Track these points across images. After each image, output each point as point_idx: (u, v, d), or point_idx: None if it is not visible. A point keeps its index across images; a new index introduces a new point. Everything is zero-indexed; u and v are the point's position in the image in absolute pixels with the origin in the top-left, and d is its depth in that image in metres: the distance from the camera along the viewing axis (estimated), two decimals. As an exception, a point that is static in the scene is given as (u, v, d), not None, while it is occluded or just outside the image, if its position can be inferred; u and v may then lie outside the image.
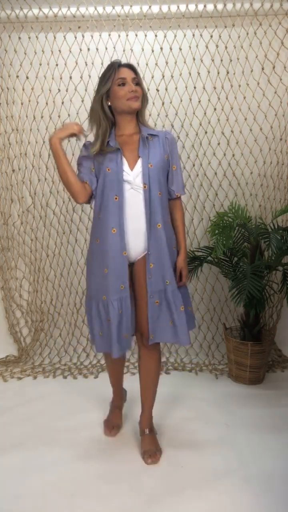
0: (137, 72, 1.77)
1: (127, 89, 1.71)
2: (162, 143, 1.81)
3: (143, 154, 1.75)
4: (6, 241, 2.97)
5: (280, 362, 2.84)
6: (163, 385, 2.54)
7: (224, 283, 2.94)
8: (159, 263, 1.77)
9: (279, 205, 2.87)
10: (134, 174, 1.74)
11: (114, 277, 1.75)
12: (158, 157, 1.77)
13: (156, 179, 1.76)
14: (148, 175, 1.74)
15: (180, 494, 1.67)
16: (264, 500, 1.63)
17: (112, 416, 2.15)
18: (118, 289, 1.76)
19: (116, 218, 1.73)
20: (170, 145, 1.83)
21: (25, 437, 2.07)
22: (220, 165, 2.84)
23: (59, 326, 3.04)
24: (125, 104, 1.73)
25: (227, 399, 2.40)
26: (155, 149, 1.79)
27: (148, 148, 1.77)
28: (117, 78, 1.72)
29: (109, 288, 1.76)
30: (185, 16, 2.64)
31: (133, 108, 1.74)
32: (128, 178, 1.74)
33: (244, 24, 2.68)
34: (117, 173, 1.73)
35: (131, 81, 1.72)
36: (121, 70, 1.73)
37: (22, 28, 2.70)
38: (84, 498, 1.66)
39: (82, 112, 2.77)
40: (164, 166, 1.81)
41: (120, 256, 1.75)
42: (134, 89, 1.71)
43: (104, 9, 2.63)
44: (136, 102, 1.73)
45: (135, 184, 1.74)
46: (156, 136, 1.82)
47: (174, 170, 1.85)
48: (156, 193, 1.76)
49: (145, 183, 1.74)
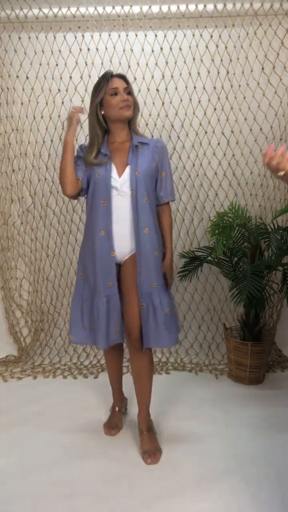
0: (128, 82, 1.88)
1: (119, 98, 1.81)
2: (152, 151, 1.89)
3: (131, 162, 1.85)
4: (6, 241, 2.97)
5: (280, 362, 2.84)
6: (163, 385, 2.56)
7: (224, 283, 2.94)
8: (146, 266, 1.85)
9: (279, 205, 2.87)
10: (122, 181, 1.83)
11: (103, 276, 1.86)
12: (145, 164, 1.86)
13: (143, 185, 1.84)
14: (136, 182, 1.83)
15: (180, 494, 1.67)
16: (264, 500, 1.63)
17: (112, 417, 2.16)
18: (107, 287, 1.86)
19: (104, 221, 1.83)
20: (160, 153, 1.91)
21: (25, 437, 2.07)
22: (220, 165, 2.84)
23: (59, 326, 3.04)
24: (118, 113, 1.83)
25: (227, 399, 2.40)
26: (143, 157, 1.87)
27: (137, 156, 1.86)
28: (110, 88, 1.82)
29: (98, 286, 1.87)
30: (185, 16, 2.64)
31: (125, 116, 1.84)
32: (116, 185, 1.83)
33: (244, 24, 2.68)
34: (105, 179, 1.83)
35: (123, 91, 1.82)
36: (113, 81, 1.83)
37: (22, 28, 2.70)
38: (84, 498, 1.66)
39: (82, 112, 2.77)
40: (152, 174, 1.89)
41: (108, 256, 1.85)
42: (126, 98, 1.82)
43: (104, 9, 2.63)
44: (128, 111, 1.84)
45: (122, 190, 1.83)
46: (146, 144, 1.90)
47: (163, 177, 1.93)
48: (143, 199, 1.84)
49: (132, 189, 1.83)
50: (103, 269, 1.86)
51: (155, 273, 1.87)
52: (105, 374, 2.36)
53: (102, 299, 1.86)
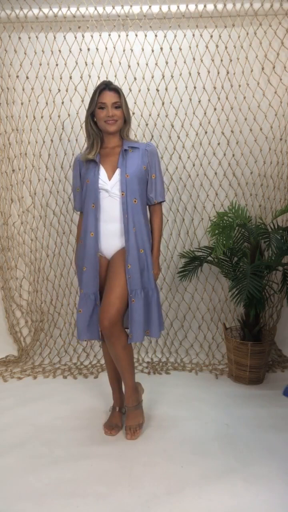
0: (121, 95, 1.96)
1: (105, 113, 1.93)
2: (142, 155, 2.01)
3: (121, 165, 1.97)
4: (6, 241, 2.97)
5: (280, 362, 2.84)
6: (163, 385, 2.56)
7: (224, 283, 2.94)
8: (135, 264, 1.96)
9: (279, 205, 2.87)
10: (112, 184, 1.96)
11: (91, 275, 1.99)
12: (135, 167, 1.98)
13: (132, 187, 1.96)
14: (126, 184, 1.95)
15: (180, 494, 1.67)
16: (264, 500, 1.63)
17: (112, 417, 2.16)
18: (95, 284, 2.00)
19: (93, 223, 1.97)
20: (150, 156, 2.03)
21: (25, 437, 2.07)
22: (220, 165, 2.84)
23: (59, 326, 3.04)
24: (103, 126, 1.97)
25: (227, 399, 2.40)
26: (133, 160, 1.99)
27: (126, 159, 1.98)
28: (98, 102, 1.94)
29: (87, 283, 2.00)
30: (185, 16, 2.64)
31: (109, 131, 1.97)
32: (106, 187, 1.96)
33: (244, 24, 2.68)
34: (93, 183, 1.97)
35: (110, 106, 1.92)
36: (103, 95, 1.93)
37: (22, 28, 2.70)
38: (84, 498, 1.66)
39: (82, 112, 2.77)
40: (141, 176, 2.00)
41: (94, 256, 1.98)
42: (111, 114, 1.93)
43: (104, 9, 2.63)
44: (113, 126, 1.96)
45: (112, 192, 1.96)
46: (136, 148, 2.02)
47: (154, 178, 2.05)
48: (132, 200, 1.96)
49: (122, 191, 1.95)
50: (91, 268, 1.99)
51: (142, 269, 1.99)
52: (105, 374, 2.36)
53: (90, 296, 2.00)
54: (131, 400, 2.09)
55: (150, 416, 2.21)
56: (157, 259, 2.11)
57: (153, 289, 2.03)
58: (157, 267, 2.09)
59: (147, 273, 2.01)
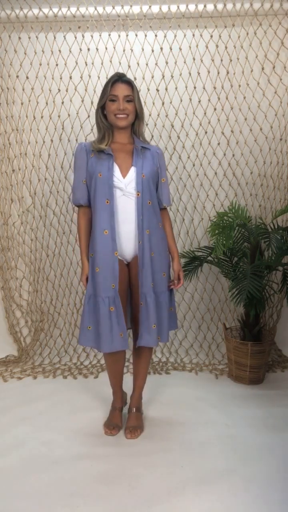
0: (134, 88, 1.87)
1: (116, 106, 1.84)
2: (153, 157, 1.95)
3: (136, 164, 1.88)
4: (6, 241, 2.97)
5: (280, 362, 2.84)
6: (163, 385, 2.56)
7: (224, 283, 2.94)
8: (148, 267, 1.89)
9: (279, 205, 2.87)
10: (126, 182, 1.86)
11: (105, 276, 1.86)
12: (149, 168, 1.91)
13: (147, 188, 1.89)
14: (142, 184, 1.86)
15: (180, 494, 1.67)
16: (264, 500, 1.63)
17: (112, 417, 2.15)
18: (109, 287, 1.86)
19: (108, 221, 1.85)
20: (160, 159, 1.98)
21: (25, 437, 2.07)
22: (220, 165, 2.84)
23: (59, 326, 3.04)
24: (113, 120, 1.88)
25: (227, 399, 2.40)
26: (147, 161, 1.92)
27: (142, 159, 1.90)
28: (110, 94, 1.85)
29: (99, 286, 1.86)
30: (185, 16, 2.64)
31: (118, 125, 1.88)
32: (120, 185, 1.85)
33: (244, 24, 2.68)
34: (107, 178, 1.85)
35: (122, 99, 1.83)
36: (115, 87, 1.84)
37: (22, 28, 2.70)
38: (84, 498, 1.66)
39: (82, 112, 2.77)
40: (154, 178, 1.95)
41: (111, 256, 1.85)
42: (122, 108, 1.83)
43: (104, 9, 2.63)
44: (123, 121, 1.86)
45: (127, 191, 1.86)
46: (148, 149, 1.96)
47: (163, 182, 2.00)
48: (147, 201, 1.88)
49: (138, 191, 1.86)
50: (106, 269, 1.85)
51: (157, 273, 1.92)
52: (105, 374, 2.36)
53: (104, 300, 1.85)
54: (138, 402, 2.13)
55: (150, 416, 2.21)
56: (181, 265, 2.11)
57: (165, 292, 1.97)
58: (178, 263, 2.08)
59: (159, 277, 1.94)
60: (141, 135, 1.98)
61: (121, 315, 1.86)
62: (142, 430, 2.08)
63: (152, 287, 1.90)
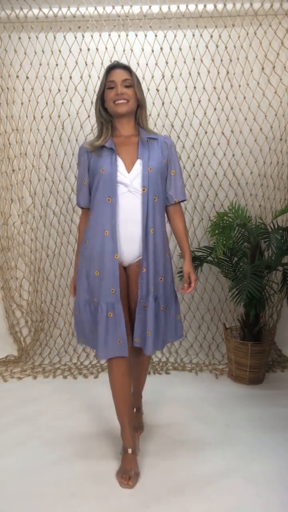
0: (132, 73, 1.73)
1: (115, 92, 1.70)
2: (161, 148, 1.77)
3: (142, 156, 1.71)
4: (6, 241, 2.97)
5: (280, 362, 2.84)
6: (163, 385, 2.56)
7: (224, 283, 2.94)
8: (151, 268, 1.72)
9: (279, 205, 2.87)
10: (131, 177, 1.69)
11: (105, 281, 1.69)
12: (157, 160, 1.73)
13: (154, 183, 1.71)
14: (148, 178, 1.69)
15: (180, 494, 1.67)
16: (264, 500, 1.63)
17: (126, 464, 1.77)
18: (108, 293, 1.68)
19: (108, 220, 1.68)
20: (169, 150, 1.79)
21: (25, 437, 2.07)
22: (220, 165, 2.84)
23: (59, 326, 3.04)
24: (112, 108, 1.72)
25: (227, 399, 2.40)
26: (154, 152, 1.74)
27: (148, 150, 1.73)
28: (107, 81, 1.72)
29: (99, 291, 1.70)
30: (185, 16, 2.64)
31: (118, 112, 1.71)
32: (124, 181, 1.69)
33: (244, 24, 2.68)
34: (110, 174, 1.68)
35: (120, 84, 1.69)
36: (112, 73, 1.71)
37: (22, 28, 2.70)
38: (83, 498, 1.66)
39: (82, 112, 2.77)
40: (163, 171, 1.76)
41: (111, 259, 1.68)
42: (120, 92, 1.68)
43: (104, 9, 2.63)
44: (123, 107, 1.70)
45: (132, 187, 1.69)
46: (155, 140, 1.78)
47: (173, 175, 1.80)
48: (152, 197, 1.71)
49: (144, 186, 1.69)
50: (105, 273, 1.69)
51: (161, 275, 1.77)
52: (105, 374, 2.36)
53: (102, 306, 1.69)
54: (139, 402, 2.12)
55: (150, 416, 2.21)
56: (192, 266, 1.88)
57: (168, 296, 1.82)
58: (195, 277, 1.87)
59: (162, 280, 1.78)
60: (145, 126, 1.80)
61: (120, 322, 1.68)
62: (142, 430, 2.06)
63: (153, 292, 1.73)
